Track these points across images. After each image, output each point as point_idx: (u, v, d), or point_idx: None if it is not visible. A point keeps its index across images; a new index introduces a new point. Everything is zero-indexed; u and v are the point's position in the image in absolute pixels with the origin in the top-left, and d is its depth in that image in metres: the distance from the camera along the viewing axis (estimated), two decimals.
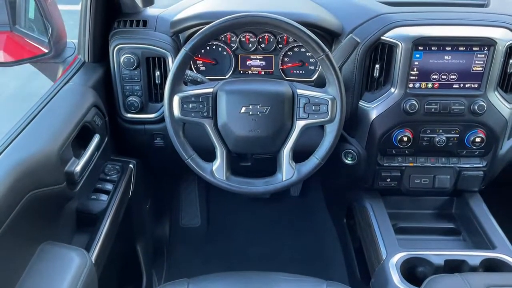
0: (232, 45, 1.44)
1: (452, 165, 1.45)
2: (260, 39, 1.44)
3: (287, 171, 1.22)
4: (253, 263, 1.97)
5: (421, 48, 1.30)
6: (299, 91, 1.19)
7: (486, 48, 1.29)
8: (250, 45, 1.44)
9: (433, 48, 1.30)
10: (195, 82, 1.33)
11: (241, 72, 1.48)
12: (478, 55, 1.30)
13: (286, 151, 1.21)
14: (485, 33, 1.28)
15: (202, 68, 1.47)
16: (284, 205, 2.22)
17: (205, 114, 1.19)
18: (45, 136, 1.08)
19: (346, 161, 1.48)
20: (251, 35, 1.43)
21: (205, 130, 1.20)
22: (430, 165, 1.45)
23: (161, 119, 1.44)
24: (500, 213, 1.46)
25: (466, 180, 1.46)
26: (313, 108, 1.18)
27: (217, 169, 1.21)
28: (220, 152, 1.21)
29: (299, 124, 1.20)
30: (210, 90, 1.19)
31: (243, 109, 1.18)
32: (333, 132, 1.19)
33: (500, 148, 1.43)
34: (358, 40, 1.30)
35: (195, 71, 1.45)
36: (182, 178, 2.20)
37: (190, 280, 1.17)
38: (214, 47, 1.45)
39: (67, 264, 1.02)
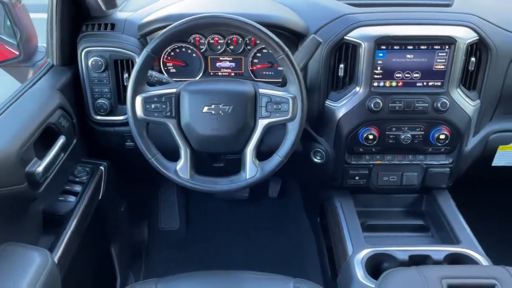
0: (201, 47, 1.46)
1: (419, 162, 1.46)
2: (229, 41, 1.45)
3: (251, 170, 1.23)
4: (232, 264, 1.96)
5: (384, 47, 1.32)
6: (261, 90, 1.21)
7: (447, 47, 1.31)
8: (219, 47, 1.45)
9: (395, 47, 1.32)
10: (161, 83, 1.34)
11: (211, 73, 1.48)
12: (440, 54, 1.32)
13: (250, 150, 1.23)
14: (445, 32, 1.30)
15: (173, 70, 1.49)
16: (262, 207, 2.23)
17: (168, 114, 1.20)
18: (6, 136, 1.09)
19: (315, 160, 1.49)
20: (219, 36, 1.44)
21: (169, 130, 1.22)
22: (397, 162, 1.46)
23: None
24: (468, 209, 1.48)
25: (433, 177, 1.48)
26: (275, 106, 1.20)
27: (181, 169, 1.23)
28: (184, 151, 1.23)
29: (262, 123, 1.22)
30: (173, 90, 1.21)
31: (205, 109, 1.20)
32: (295, 130, 1.21)
33: (465, 145, 1.45)
34: (320, 40, 1.32)
35: (165, 73, 1.46)
36: (162, 180, 2.20)
37: (158, 280, 1.18)
38: (183, 49, 1.46)
39: (27, 263, 1.02)
